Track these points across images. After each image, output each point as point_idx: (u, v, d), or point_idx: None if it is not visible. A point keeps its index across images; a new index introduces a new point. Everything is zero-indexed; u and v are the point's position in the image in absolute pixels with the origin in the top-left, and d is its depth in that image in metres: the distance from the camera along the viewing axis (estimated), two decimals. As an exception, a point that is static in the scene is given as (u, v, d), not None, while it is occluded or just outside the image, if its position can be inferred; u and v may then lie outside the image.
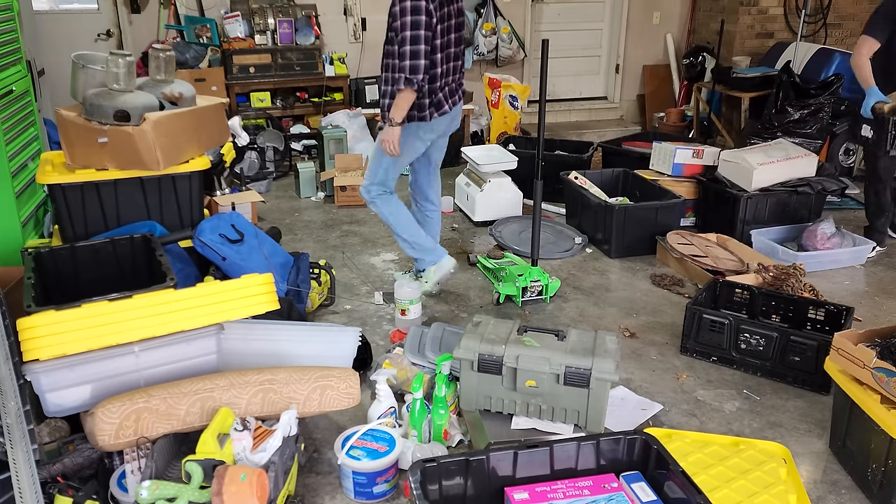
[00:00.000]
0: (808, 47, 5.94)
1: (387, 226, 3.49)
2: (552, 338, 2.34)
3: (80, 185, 2.82)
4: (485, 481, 1.81)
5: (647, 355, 3.05)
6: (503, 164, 4.56)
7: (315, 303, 3.36)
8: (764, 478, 2.18)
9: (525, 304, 3.46)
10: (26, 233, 3.15)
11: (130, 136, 2.75)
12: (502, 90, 5.62)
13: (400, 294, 3.15)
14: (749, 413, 2.66)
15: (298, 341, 2.56)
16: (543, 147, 3.33)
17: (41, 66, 4.38)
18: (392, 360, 2.73)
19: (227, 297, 2.29)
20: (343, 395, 2.27)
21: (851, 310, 2.97)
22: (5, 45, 3.22)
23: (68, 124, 2.81)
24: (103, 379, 2.14)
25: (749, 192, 4.07)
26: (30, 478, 1.59)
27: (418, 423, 2.36)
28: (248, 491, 1.81)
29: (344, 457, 2.16)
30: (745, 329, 2.89)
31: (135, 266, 2.80)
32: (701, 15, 6.92)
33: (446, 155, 3.70)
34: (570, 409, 2.23)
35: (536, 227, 3.45)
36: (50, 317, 2.05)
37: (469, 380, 2.29)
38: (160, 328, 2.18)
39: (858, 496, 2.24)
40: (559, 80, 7.06)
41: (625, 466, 1.87)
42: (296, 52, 5.82)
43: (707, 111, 6.45)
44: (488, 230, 4.35)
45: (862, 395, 2.17)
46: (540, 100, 3.20)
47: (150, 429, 2.01)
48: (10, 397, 1.53)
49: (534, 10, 6.73)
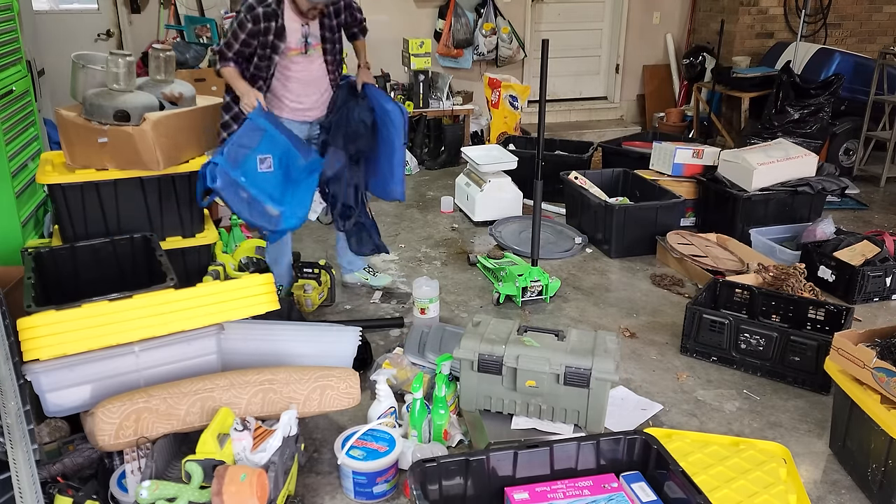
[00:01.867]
0: (808, 47, 5.94)
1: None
2: (552, 338, 2.34)
3: (80, 185, 2.82)
4: (485, 481, 1.81)
5: (647, 355, 3.05)
6: (503, 164, 4.56)
7: (315, 303, 3.36)
8: (764, 478, 2.18)
9: (525, 304, 3.46)
10: (26, 233, 3.14)
11: (130, 136, 2.74)
12: (502, 90, 5.62)
13: (419, 293, 3.15)
14: (749, 413, 2.66)
15: (298, 341, 2.56)
16: (543, 147, 3.33)
17: (41, 66, 4.38)
18: (392, 360, 2.73)
19: (227, 297, 2.29)
20: (343, 395, 2.27)
21: (851, 310, 2.97)
22: (5, 45, 3.22)
23: (68, 124, 2.80)
24: (103, 379, 2.14)
25: (749, 192, 4.07)
26: (30, 478, 1.59)
27: (418, 423, 2.36)
28: (248, 491, 1.81)
29: (344, 457, 2.16)
30: (745, 329, 2.89)
31: (135, 266, 2.80)
32: (701, 15, 6.92)
33: (446, 155, 3.69)
34: (570, 409, 2.23)
35: (536, 227, 3.45)
36: (50, 317, 2.05)
37: (469, 380, 2.29)
38: (160, 328, 2.18)
39: (858, 496, 2.24)
40: (559, 80, 7.05)
41: (625, 466, 1.87)
42: (296, 52, 5.82)
43: (707, 111, 6.45)
44: (488, 230, 4.35)
45: (862, 395, 2.17)
46: (540, 100, 3.20)
47: (150, 429, 2.01)
48: (10, 397, 1.53)
49: (534, 10, 6.73)
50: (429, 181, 5.47)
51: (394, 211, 4.80)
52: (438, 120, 6.00)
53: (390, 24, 6.25)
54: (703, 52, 6.57)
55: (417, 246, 4.22)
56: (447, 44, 6.25)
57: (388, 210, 4.81)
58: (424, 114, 5.93)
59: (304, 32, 3.00)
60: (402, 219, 4.66)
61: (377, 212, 4.75)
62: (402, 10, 6.29)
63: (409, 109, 5.90)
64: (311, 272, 3.39)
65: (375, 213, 3.48)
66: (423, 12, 6.36)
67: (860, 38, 6.72)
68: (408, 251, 4.14)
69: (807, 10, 6.19)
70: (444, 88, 6.00)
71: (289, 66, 3.05)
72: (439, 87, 6.03)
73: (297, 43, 3.01)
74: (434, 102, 5.99)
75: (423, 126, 5.90)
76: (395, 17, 6.27)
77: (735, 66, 6.21)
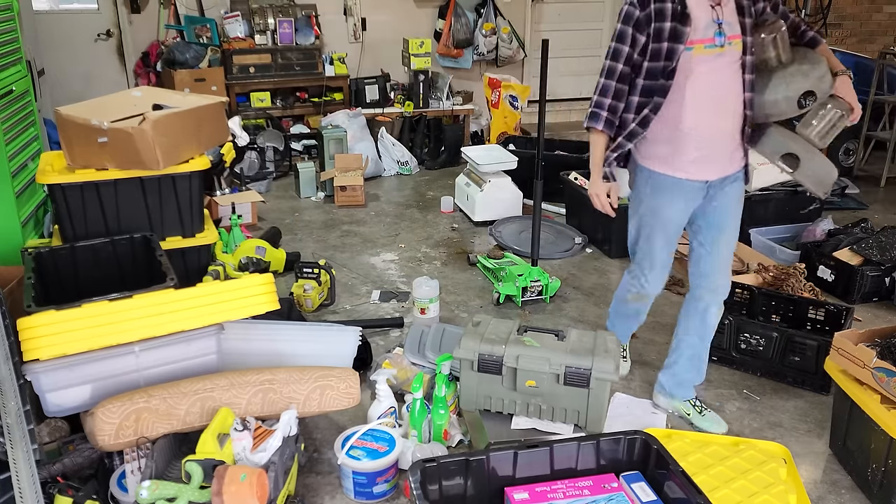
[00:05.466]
0: (808, 47, 5.93)
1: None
2: (552, 338, 2.34)
3: (80, 185, 2.82)
4: (485, 481, 1.81)
5: (647, 355, 3.05)
6: (503, 164, 4.56)
7: (315, 303, 3.36)
8: (764, 478, 2.18)
9: (525, 304, 3.46)
10: (26, 233, 3.14)
11: (130, 135, 2.74)
12: (502, 90, 5.62)
13: (419, 293, 3.15)
14: (749, 413, 2.66)
15: (298, 341, 2.56)
16: (543, 147, 3.33)
17: (41, 66, 4.38)
18: (392, 360, 2.73)
19: (227, 297, 2.29)
20: (343, 395, 2.26)
21: (851, 310, 2.97)
22: (5, 45, 3.22)
23: (68, 124, 2.80)
24: (103, 379, 2.14)
25: (749, 192, 4.06)
26: (30, 478, 1.59)
27: (418, 423, 2.36)
28: (248, 491, 1.81)
29: (344, 457, 2.16)
30: (745, 329, 2.89)
31: (135, 266, 2.80)
32: (701, 15, 6.92)
33: (446, 155, 3.64)
34: (570, 409, 2.23)
35: (536, 227, 3.45)
36: (50, 317, 2.05)
37: (469, 380, 2.29)
38: (160, 328, 2.18)
39: (858, 496, 2.24)
40: (559, 80, 7.05)
41: (625, 466, 1.87)
42: (296, 52, 5.82)
43: (707, 111, 6.45)
44: (488, 230, 4.35)
45: (862, 395, 2.17)
46: (540, 100, 3.20)
47: (150, 429, 2.01)
48: (10, 397, 1.52)
49: (534, 10, 6.73)
50: (429, 181, 5.47)
51: (394, 211, 4.80)
52: (438, 120, 6.00)
53: (390, 24, 6.25)
54: (703, 52, 6.57)
55: (417, 246, 4.22)
56: (447, 44, 6.25)
57: (388, 210, 4.81)
58: (424, 114, 5.92)
59: (714, 17, 2.13)
60: (402, 219, 4.66)
61: (377, 211, 4.75)
62: (402, 10, 6.29)
63: (409, 109, 5.91)
64: (311, 272, 3.39)
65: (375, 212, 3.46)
66: (423, 12, 6.36)
67: (860, 38, 6.72)
68: (408, 251, 4.14)
69: (807, 10, 6.19)
70: (444, 88, 6.00)
71: (692, 69, 2.15)
72: (439, 87, 6.03)
73: (706, 31, 2.12)
74: (434, 102, 5.99)
75: (423, 126, 5.90)
76: (395, 17, 6.27)
77: (735, 66, 6.21)
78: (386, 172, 5.59)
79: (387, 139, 5.59)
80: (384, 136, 5.59)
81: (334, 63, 5.97)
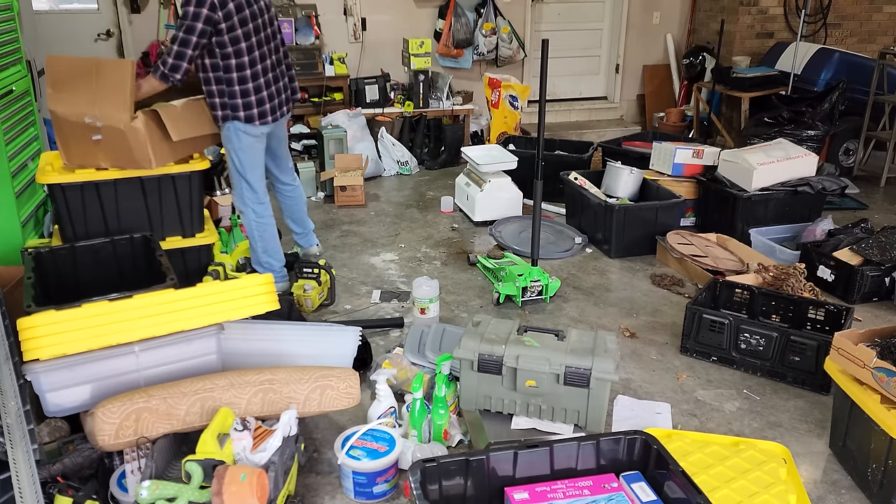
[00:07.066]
0: (808, 47, 5.93)
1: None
2: (552, 338, 2.34)
3: (79, 185, 2.82)
4: (485, 481, 1.81)
5: (647, 355, 3.05)
6: (503, 164, 4.56)
7: (315, 303, 3.36)
8: (764, 478, 2.18)
9: (525, 304, 3.46)
10: (26, 233, 3.15)
11: (122, 133, 2.74)
12: (502, 90, 5.62)
13: (419, 293, 3.14)
14: (749, 413, 2.66)
15: (298, 341, 2.56)
16: (543, 147, 3.33)
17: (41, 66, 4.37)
18: (392, 360, 2.73)
19: (227, 297, 2.29)
20: (343, 395, 2.26)
21: (851, 310, 2.97)
22: (5, 45, 3.22)
23: (62, 122, 2.79)
24: (103, 379, 2.14)
25: (749, 192, 4.07)
26: (30, 478, 1.59)
27: (418, 423, 2.36)
28: (248, 491, 1.81)
29: (344, 457, 2.16)
30: (745, 329, 2.89)
31: (135, 266, 2.80)
32: (701, 15, 6.92)
33: (446, 155, 3.66)
34: (570, 409, 2.23)
35: (536, 227, 3.45)
36: (50, 317, 2.05)
37: (469, 380, 2.29)
38: (160, 328, 2.18)
39: (858, 496, 2.24)
40: (559, 80, 7.05)
41: (625, 466, 1.87)
42: (296, 52, 5.81)
43: (707, 111, 6.45)
44: (488, 230, 4.35)
45: (862, 395, 2.17)
46: (540, 100, 3.20)
47: (150, 429, 2.01)
48: (10, 397, 1.52)
49: (534, 10, 6.73)
50: (429, 181, 5.47)
51: (394, 211, 4.80)
52: (438, 120, 6.00)
53: (390, 24, 6.25)
54: (703, 51, 6.57)
55: (417, 246, 4.22)
56: (447, 44, 6.25)
57: (388, 210, 4.81)
58: (424, 114, 5.92)
59: None
60: (402, 219, 4.66)
61: (377, 211, 4.76)
62: (402, 10, 6.29)
63: (409, 109, 5.90)
64: (311, 272, 3.39)
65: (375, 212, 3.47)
66: (423, 12, 6.36)
67: (860, 38, 6.72)
68: (408, 251, 4.14)
69: (807, 10, 6.19)
70: (444, 88, 6.00)
71: None
72: (439, 87, 6.03)
73: None
74: (434, 102, 5.99)
75: (423, 126, 5.90)
76: (395, 17, 6.27)
77: (735, 66, 6.21)
78: (386, 172, 5.59)
79: (387, 139, 5.59)
80: (384, 136, 5.59)
81: (334, 63, 5.97)
